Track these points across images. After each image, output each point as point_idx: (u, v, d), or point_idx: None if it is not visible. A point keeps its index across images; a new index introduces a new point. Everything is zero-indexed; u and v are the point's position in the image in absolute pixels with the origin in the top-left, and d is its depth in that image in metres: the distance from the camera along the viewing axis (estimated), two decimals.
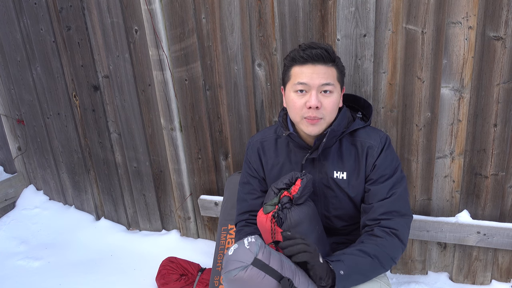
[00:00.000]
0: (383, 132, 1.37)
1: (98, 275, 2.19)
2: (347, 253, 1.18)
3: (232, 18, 1.82)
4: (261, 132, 1.51)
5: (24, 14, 2.41)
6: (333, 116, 1.28)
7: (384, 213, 1.25)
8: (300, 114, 1.26)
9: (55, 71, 2.45)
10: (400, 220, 1.25)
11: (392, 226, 1.23)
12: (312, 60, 1.22)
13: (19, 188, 3.02)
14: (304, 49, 1.24)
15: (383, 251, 1.20)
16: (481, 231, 1.71)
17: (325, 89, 1.23)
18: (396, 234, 1.23)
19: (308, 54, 1.22)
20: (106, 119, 2.39)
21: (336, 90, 1.26)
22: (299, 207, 1.23)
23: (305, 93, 1.24)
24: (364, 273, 1.18)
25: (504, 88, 1.55)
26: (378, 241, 1.21)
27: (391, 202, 1.26)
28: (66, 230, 2.66)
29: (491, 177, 1.68)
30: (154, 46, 2.01)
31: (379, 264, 1.19)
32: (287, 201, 1.23)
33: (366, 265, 1.17)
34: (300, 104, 1.25)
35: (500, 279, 1.85)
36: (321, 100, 1.23)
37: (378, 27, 1.61)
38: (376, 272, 1.21)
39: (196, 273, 2.06)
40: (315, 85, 1.22)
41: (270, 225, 1.22)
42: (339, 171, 1.33)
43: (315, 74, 1.22)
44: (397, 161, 1.33)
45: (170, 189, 2.37)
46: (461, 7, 1.50)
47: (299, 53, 1.23)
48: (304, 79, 1.22)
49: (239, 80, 1.91)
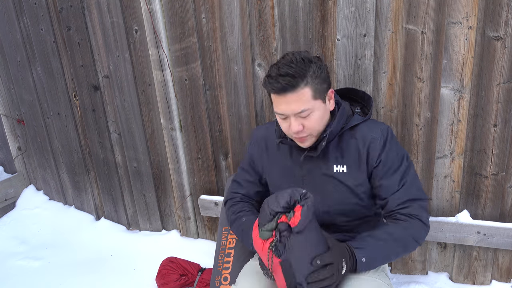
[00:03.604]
0: (384, 124, 1.35)
1: (98, 275, 2.19)
2: (371, 236, 1.21)
3: (232, 18, 1.82)
4: (266, 127, 1.51)
5: (24, 14, 2.41)
6: (322, 126, 1.29)
7: (400, 204, 1.28)
8: (288, 134, 1.30)
9: (55, 71, 2.45)
10: (417, 205, 1.28)
11: (411, 213, 1.27)
12: (281, 91, 1.20)
13: (19, 188, 3.02)
14: (272, 77, 1.21)
15: (407, 233, 1.24)
16: (481, 231, 1.71)
17: (302, 115, 1.23)
18: (418, 218, 1.27)
19: (275, 88, 1.21)
20: (106, 119, 2.39)
21: (315, 108, 1.24)
22: (299, 234, 1.11)
23: (286, 118, 1.26)
24: (387, 256, 1.22)
25: (504, 88, 1.55)
26: (401, 224, 1.25)
27: (403, 193, 1.28)
28: (66, 230, 2.66)
29: (491, 177, 1.68)
30: (154, 46, 2.01)
31: (402, 247, 1.24)
32: (285, 228, 1.11)
33: (389, 249, 1.21)
34: (285, 127, 1.29)
35: (500, 279, 1.85)
36: (302, 122, 1.24)
37: (378, 27, 1.61)
38: (400, 254, 1.25)
39: (196, 273, 2.06)
40: (291, 114, 1.23)
41: (267, 254, 1.14)
42: (339, 165, 1.34)
43: (288, 104, 1.22)
44: (402, 150, 1.33)
45: (170, 189, 2.37)
46: (461, 7, 1.50)
47: (268, 83, 1.22)
48: (280, 110, 1.25)
49: (239, 80, 1.91)
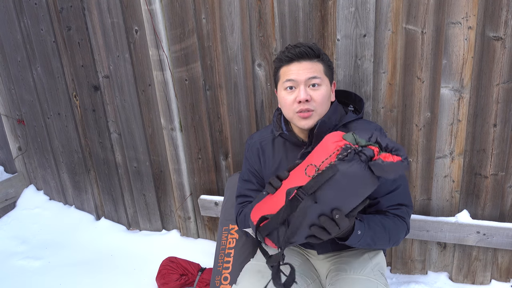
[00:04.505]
0: (376, 124, 1.40)
1: (98, 275, 2.19)
2: (369, 218, 1.24)
3: (232, 18, 1.82)
4: (259, 133, 1.53)
5: (25, 15, 2.41)
6: (324, 108, 1.31)
7: (390, 206, 1.32)
8: (292, 109, 1.30)
9: (55, 71, 2.45)
10: (405, 210, 1.33)
11: (400, 215, 1.31)
12: (297, 58, 1.28)
13: (20, 188, 3.02)
14: (289, 49, 1.31)
15: (395, 229, 1.28)
16: (481, 231, 1.72)
17: (313, 82, 1.28)
18: (405, 221, 1.32)
19: (293, 53, 1.28)
20: (106, 119, 2.39)
21: (324, 83, 1.30)
22: (367, 169, 0.97)
23: (294, 89, 1.30)
24: (374, 241, 1.24)
25: (503, 88, 1.56)
26: (392, 219, 1.30)
27: (396, 196, 1.31)
28: (66, 230, 2.66)
29: (491, 177, 1.69)
30: (154, 46, 2.01)
31: (387, 240, 1.27)
32: (369, 154, 0.97)
33: (378, 237, 1.24)
34: (290, 100, 1.30)
35: (499, 279, 1.85)
36: (310, 93, 1.28)
37: (378, 27, 1.61)
38: (382, 245, 1.28)
39: (196, 273, 2.06)
40: (302, 80, 1.27)
41: (331, 152, 1.00)
42: None
43: (301, 70, 1.28)
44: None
45: (170, 189, 2.37)
46: (461, 7, 1.50)
47: (285, 53, 1.31)
48: (291, 76, 1.28)
49: (239, 80, 1.91)
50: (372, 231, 1.21)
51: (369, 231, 1.20)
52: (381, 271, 1.33)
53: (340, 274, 1.29)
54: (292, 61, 1.29)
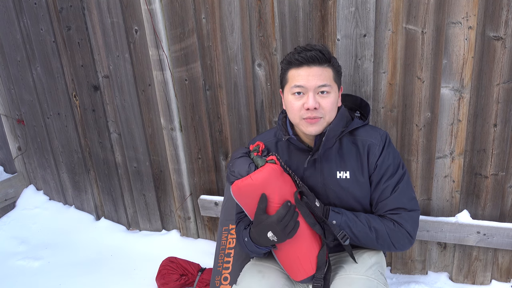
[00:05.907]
0: (382, 130, 1.38)
1: (98, 275, 2.19)
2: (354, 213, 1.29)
3: (232, 18, 1.82)
4: (261, 136, 1.51)
5: (24, 14, 2.41)
6: (332, 115, 1.29)
7: (388, 210, 1.30)
8: (299, 115, 1.28)
9: (55, 71, 2.45)
10: (405, 215, 1.30)
11: (397, 220, 1.29)
12: (307, 62, 1.24)
13: (19, 188, 3.02)
14: (299, 51, 1.26)
15: (385, 231, 1.27)
16: (481, 231, 1.71)
17: (322, 90, 1.25)
18: (403, 227, 1.29)
19: (303, 57, 1.24)
20: (106, 119, 2.39)
21: (333, 90, 1.27)
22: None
23: (302, 95, 1.26)
24: (356, 236, 1.27)
25: (504, 88, 1.55)
26: (385, 221, 1.29)
27: (395, 199, 1.30)
28: (66, 230, 2.66)
29: (491, 177, 1.69)
30: (154, 46, 2.01)
31: (375, 238, 1.27)
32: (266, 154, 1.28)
33: (361, 231, 1.27)
34: (298, 106, 1.27)
35: (500, 279, 1.85)
36: (319, 101, 1.25)
37: (378, 27, 1.61)
38: (371, 243, 1.29)
39: (196, 273, 2.06)
40: (312, 87, 1.24)
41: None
42: (341, 171, 1.33)
43: (310, 76, 1.24)
44: (398, 158, 1.35)
45: (170, 189, 2.37)
46: (461, 7, 1.50)
47: (294, 55, 1.26)
48: (300, 82, 1.25)
49: (239, 80, 1.91)
50: (352, 224, 1.26)
51: (349, 223, 1.26)
52: (381, 270, 1.33)
53: (340, 273, 1.29)
54: (302, 65, 1.25)
